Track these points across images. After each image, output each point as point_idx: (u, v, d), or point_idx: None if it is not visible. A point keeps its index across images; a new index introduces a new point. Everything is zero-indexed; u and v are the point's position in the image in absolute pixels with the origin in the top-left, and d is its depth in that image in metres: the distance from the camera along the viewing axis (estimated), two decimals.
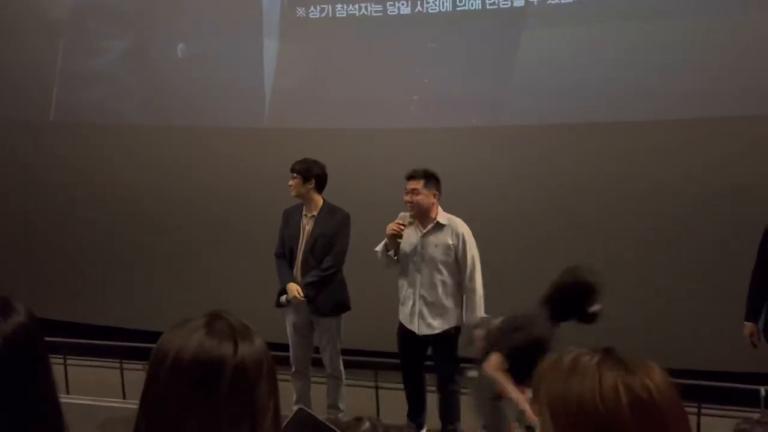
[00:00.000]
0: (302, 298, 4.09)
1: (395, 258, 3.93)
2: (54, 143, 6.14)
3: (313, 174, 4.14)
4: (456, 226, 3.92)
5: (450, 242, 3.90)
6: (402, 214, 3.87)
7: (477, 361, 3.33)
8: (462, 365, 3.94)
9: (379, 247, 3.95)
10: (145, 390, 1.03)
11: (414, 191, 3.86)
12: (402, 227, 3.83)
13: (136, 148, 5.91)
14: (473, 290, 3.92)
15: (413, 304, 3.94)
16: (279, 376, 1.09)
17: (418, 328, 3.95)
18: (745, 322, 3.92)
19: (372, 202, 4.35)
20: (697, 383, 4.10)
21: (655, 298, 4.79)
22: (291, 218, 4.27)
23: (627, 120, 4.81)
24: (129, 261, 5.97)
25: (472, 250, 3.92)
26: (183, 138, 5.82)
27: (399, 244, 3.84)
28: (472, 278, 3.92)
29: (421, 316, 3.93)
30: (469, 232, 3.95)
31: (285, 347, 4.27)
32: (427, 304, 3.91)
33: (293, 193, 4.19)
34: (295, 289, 4.10)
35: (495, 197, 5.06)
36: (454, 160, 5.05)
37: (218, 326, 1.04)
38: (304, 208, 4.23)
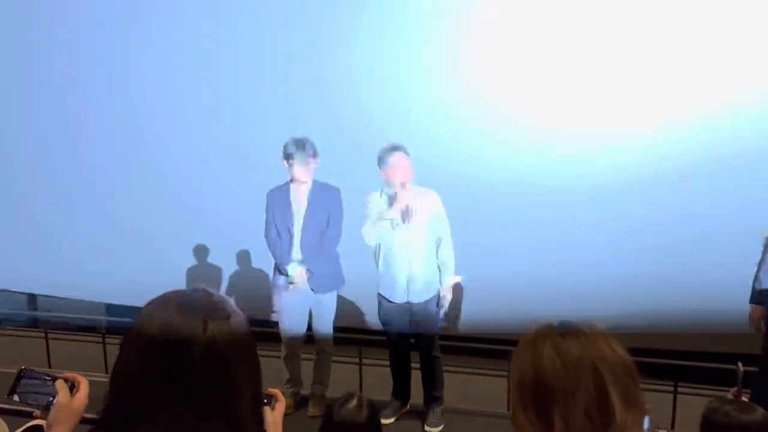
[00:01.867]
0: (305, 279, 4.05)
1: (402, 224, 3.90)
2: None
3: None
4: (431, 194, 4.02)
5: (432, 209, 3.98)
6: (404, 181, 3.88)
7: None
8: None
9: (388, 216, 3.87)
10: (114, 367, 1.00)
11: (403, 162, 3.91)
12: (409, 193, 3.85)
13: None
14: (449, 254, 4.02)
15: (404, 274, 3.94)
16: (272, 354, 1.08)
17: (409, 296, 3.96)
18: (754, 305, 3.74)
19: (356, 181, 4.22)
20: (673, 363, 4.23)
21: (632, 279, 4.82)
22: (279, 199, 4.13)
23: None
24: (112, 235, 5.90)
25: (446, 216, 4.03)
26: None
27: (411, 210, 3.83)
28: (447, 242, 4.02)
29: (414, 284, 3.95)
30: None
31: (277, 325, 4.24)
32: (418, 272, 3.95)
33: (309, 178, 4.06)
34: (300, 271, 4.05)
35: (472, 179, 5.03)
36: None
37: (192, 302, 1.00)
38: (292, 187, 4.13)
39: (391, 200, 3.89)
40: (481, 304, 4.72)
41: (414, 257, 3.95)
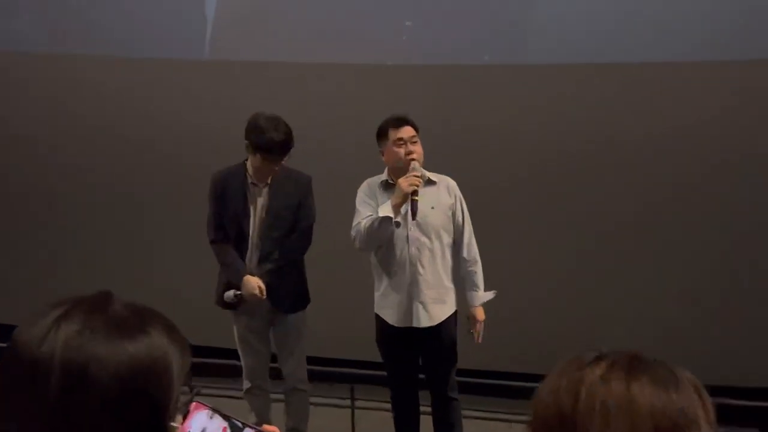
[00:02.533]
0: (263, 296, 3.30)
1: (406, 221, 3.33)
2: None
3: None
4: (448, 182, 3.43)
5: (448, 202, 3.38)
6: (413, 164, 3.24)
7: None
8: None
9: (385, 212, 3.23)
10: None
11: (412, 139, 3.29)
12: (419, 180, 3.21)
13: (69, 79, 5.19)
14: (475, 261, 3.42)
15: (411, 290, 3.32)
16: (230, 393, 0.26)
17: (418, 320, 3.34)
18: None
19: (337, 162, 3.91)
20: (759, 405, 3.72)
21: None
22: (229, 189, 3.38)
23: (647, 60, 4.26)
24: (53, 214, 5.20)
25: (467, 210, 3.43)
26: (110, 69, 5.06)
27: (417, 202, 3.19)
28: (471, 245, 3.42)
29: (423, 304, 3.34)
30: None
31: (232, 354, 3.62)
32: (429, 287, 3.34)
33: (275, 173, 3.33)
34: (255, 283, 3.31)
35: (498, 143, 4.43)
36: (450, 102, 4.39)
37: (74, 317, 0.87)
38: (249, 172, 3.37)
39: (394, 189, 3.25)
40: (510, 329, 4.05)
41: (424, 266, 3.32)
